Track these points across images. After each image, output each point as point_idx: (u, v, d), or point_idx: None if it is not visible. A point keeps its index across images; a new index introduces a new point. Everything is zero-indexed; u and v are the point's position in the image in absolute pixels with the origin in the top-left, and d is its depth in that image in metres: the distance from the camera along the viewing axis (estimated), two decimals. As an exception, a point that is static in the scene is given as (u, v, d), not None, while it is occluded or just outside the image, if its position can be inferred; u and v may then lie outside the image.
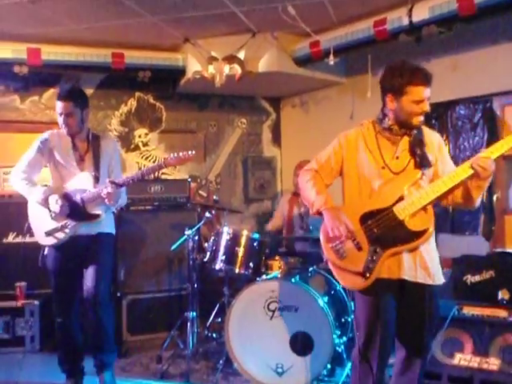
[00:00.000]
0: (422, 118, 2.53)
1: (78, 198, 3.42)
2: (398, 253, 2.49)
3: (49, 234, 3.44)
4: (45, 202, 3.40)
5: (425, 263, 2.52)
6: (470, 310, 3.34)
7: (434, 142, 2.65)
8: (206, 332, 4.34)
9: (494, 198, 4.33)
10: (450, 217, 4.57)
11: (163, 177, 5.63)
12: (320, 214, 2.67)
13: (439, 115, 4.60)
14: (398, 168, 2.56)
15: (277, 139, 6.43)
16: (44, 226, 3.46)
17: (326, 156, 2.77)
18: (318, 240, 4.09)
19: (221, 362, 3.79)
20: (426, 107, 2.50)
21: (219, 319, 4.37)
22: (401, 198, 2.50)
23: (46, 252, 3.52)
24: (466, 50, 4.36)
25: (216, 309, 4.41)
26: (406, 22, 4.03)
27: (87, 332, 3.56)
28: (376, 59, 4.77)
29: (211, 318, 4.40)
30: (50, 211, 3.41)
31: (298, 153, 5.61)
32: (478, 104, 4.43)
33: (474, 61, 4.34)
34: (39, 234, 3.50)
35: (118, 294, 4.64)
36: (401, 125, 2.57)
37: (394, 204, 2.50)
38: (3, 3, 4.02)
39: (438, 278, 2.56)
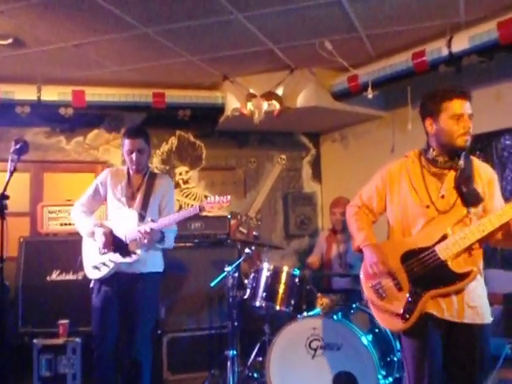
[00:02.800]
0: (467, 138, 2.42)
1: (122, 234, 3.46)
2: (443, 294, 2.38)
3: (95, 267, 3.54)
4: (92, 235, 3.54)
5: (472, 302, 2.40)
6: (524, 349, 3.15)
7: (483, 176, 2.52)
8: (247, 371, 4.23)
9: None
10: (500, 252, 4.39)
11: (203, 214, 5.63)
12: (360, 250, 2.61)
13: (483, 147, 4.48)
14: (444, 207, 2.45)
15: (317, 175, 6.39)
16: (92, 259, 3.58)
17: (368, 193, 2.72)
18: (359, 277, 4.05)
19: (262, 402, 3.69)
20: (468, 124, 2.40)
21: (260, 358, 4.28)
22: (444, 237, 2.40)
23: (92, 285, 3.62)
24: (508, 79, 4.26)
25: (257, 347, 4.31)
26: (445, 52, 3.98)
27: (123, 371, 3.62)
28: (416, 91, 4.70)
29: (252, 357, 4.30)
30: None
31: (339, 188, 5.55)
32: (524, 133, 4.31)
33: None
34: (87, 268, 3.63)
35: (159, 332, 4.61)
36: (445, 150, 2.47)
37: (436, 243, 2.40)
38: (49, 48, 4.19)
39: (487, 316, 2.43)
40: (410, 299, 2.38)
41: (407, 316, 2.37)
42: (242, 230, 5.81)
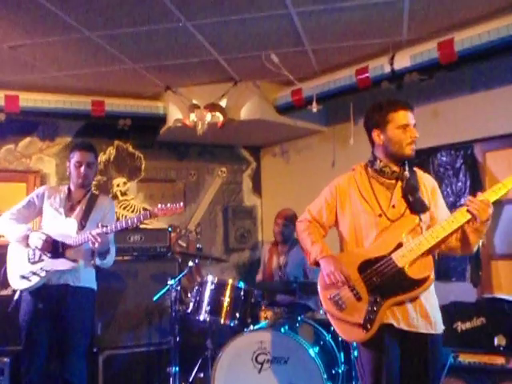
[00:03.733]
0: (413, 147, 2.49)
1: (59, 240, 3.33)
2: (400, 302, 2.40)
3: (23, 277, 3.33)
4: (25, 239, 3.36)
5: (425, 312, 2.43)
6: (466, 358, 3.23)
7: (427, 185, 2.61)
8: (189, 388, 4.12)
9: (480, 243, 4.29)
10: (436, 264, 4.51)
11: (142, 226, 5.49)
12: (317, 264, 2.59)
13: (421, 162, 4.61)
14: (395, 215, 2.50)
15: (257, 188, 6.38)
16: (20, 269, 3.37)
17: (318, 207, 2.72)
18: (303, 289, 4.05)
19: (206, 420, 3.58)
20: (414, 133, 2.49)
21: (201, 374, 4.17)
22: (399, 245, 2.43)
23: (17, 297, 3.43)
24: (446, 97, 4.43)
25: (198, 363, 4.20)
26: (387, 69, 4.09)
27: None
28: (358, 106, 4.81)
29: (194, 373, 4.18)
30: (30, 252, 3.36)
31: (279, 202, 5.56)
32: (459, 150, 4.48)
33: (454, 108, 4.41)
34: (14, 278, 3.41)
35: (94, 350, 4.39)
36: (393, 160, 2.53)
37: (392, 251, 2.42)
38: (-19, 50, 3.96)
39: (440, 326, 2.47)
40: (369, 308, 2.38)
41: (368, 326, 2.36)
42: (181, 244, 5.70)
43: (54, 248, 3.34)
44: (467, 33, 3.64)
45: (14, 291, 3.50)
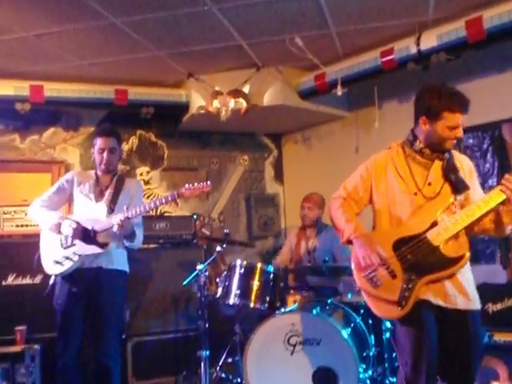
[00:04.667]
0: (454, 142, 2.49)
1: (89, 226, 3.34)
2: (436, 280, 2.39)
3: (57, 262, 3.37)
4: (57, 227, 3.37)
5: (463, 288, 2.42)
6: (501, 337, 3.20)
7: (465, 167, 2.59)
8: (220, 373, 4.10)
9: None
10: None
11: (167, 214, 5.51)
12: (350, 242, 2.58)
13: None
14: (430, 194, 2.48)
15: (279, 176, 6.36)
16: (53, 254, 3.41)
17: (353, 183, 2.70)
18: (332, 272, 4.04)
19: (238, 402, 3.59)
20: (460, 133, 2.47)
21: (230, 359, 4.18)
22: (434, 224, 2.42)
23: (52, 281, 3.46)
24: (473, 78, 4.36)
25: (227, 348, 4.21)
26: (414, 50, 4.05)
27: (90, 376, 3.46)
28: (382, 90, 4.77)
29: (223, 358, 4.19)
30: (62, 237, 3.38)
31: (301, 189, 5.52)
32: (486, 131, 4.42)
33: (481, 88, 4.34)
34: (47, 263, 3.45)
35: (123, 336, 4.42)
36: (432, 148, 2.52)
37: (427, 230, 2.41)
38: (4, 39, 3.97)
39: (478, 302, 2.46)
40: (404, 286, 2.37)
41: (403, 303, 2.35)
42: (204, 232, 5.70)
43: (85, 234, 3.36)
44: (496, 10, 3.59)
45: (47, 278, 3.54)
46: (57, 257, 3.39)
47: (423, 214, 2.45)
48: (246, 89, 4.88)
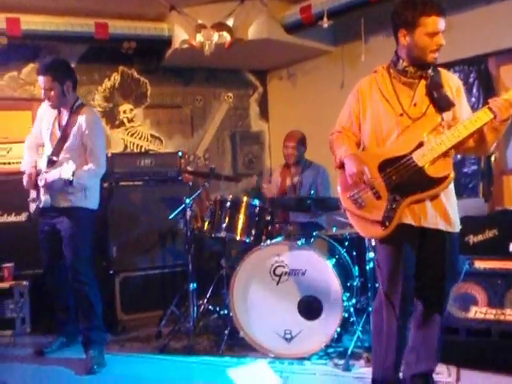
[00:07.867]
0: (436, 55, 2.41)
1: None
2: (419, 200, 2.41)
3: (33, 200, 3.58)
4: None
5: (444, 210, 2.44)
6: (481, 264, 3.29)
7: (451, 84, 2.53)
8: (207, 305, 4.18)
9: (492, 158, 4.30)
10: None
11: (152, 151, 5.48)
12: (342, 166, 2.58)
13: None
14: (416, 114, 2.45)
15: (264, 113, 6.31)
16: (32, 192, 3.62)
17: (345, 116, 2.69)
18: (317, 207, 4.07)
19: (226, 332, 3.68)
20: (441, 41, 2.38)
21: (217, 292, 4.26)
22: (420, 145, 2.41)
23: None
24: (460, 10, 4.29)
25: (214, 281, 4.28)
26: (402, -21, 3.94)
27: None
28: (368, 23, 4.68)
29: (210, 291, 4.27)
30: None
31: (287, 126, 5.46)
32: (472, 65, 4.39)
33: (468, 21, 4.28)
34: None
35: (111, 272, 4.47)
36: (415, 63, 2.46)
37: (413, 151, 2.41)
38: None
39: (457, 225, 2.50)
40: (389, 206, 2.40)
41: (387, 223, 2.39)
42: (189, 170, 5.68)
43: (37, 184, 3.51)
44: None
45: (30, 217, 3.82)
46: (33, 195, 3.60)
47: (409, 135, 2.44)
48: (230, 22, 4.77)
